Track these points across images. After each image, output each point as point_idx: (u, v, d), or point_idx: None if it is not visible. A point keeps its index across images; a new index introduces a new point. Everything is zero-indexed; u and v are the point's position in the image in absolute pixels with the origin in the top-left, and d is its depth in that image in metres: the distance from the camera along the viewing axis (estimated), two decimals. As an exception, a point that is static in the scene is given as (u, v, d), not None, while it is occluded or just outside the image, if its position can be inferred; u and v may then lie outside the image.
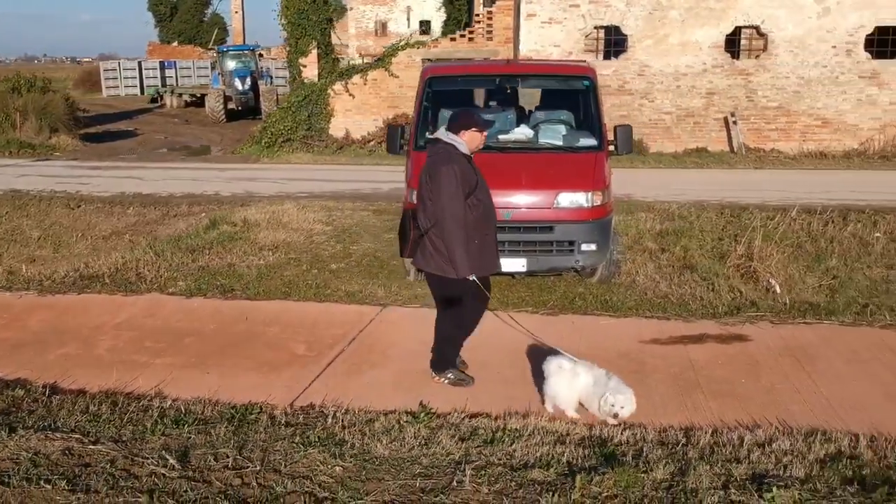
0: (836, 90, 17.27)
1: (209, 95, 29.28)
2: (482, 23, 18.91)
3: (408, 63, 18.20)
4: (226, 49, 31.28)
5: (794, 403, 4.91)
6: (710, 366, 5.54)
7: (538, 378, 5.08)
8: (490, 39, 18.57)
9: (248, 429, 4.42)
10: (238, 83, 28.22)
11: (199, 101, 32.33)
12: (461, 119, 5.02)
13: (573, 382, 4.67)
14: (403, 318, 6.61)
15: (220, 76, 29.10)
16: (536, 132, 7.49)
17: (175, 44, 50.09)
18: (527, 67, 9.39)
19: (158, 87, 36.80)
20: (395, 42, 19.32)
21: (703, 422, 4.62)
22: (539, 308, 6.81)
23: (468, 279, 4.86)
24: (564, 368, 4.69)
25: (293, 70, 19.54)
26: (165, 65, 39.78)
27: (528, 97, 9.41)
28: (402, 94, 18.07)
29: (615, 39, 17.55)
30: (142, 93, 38.91)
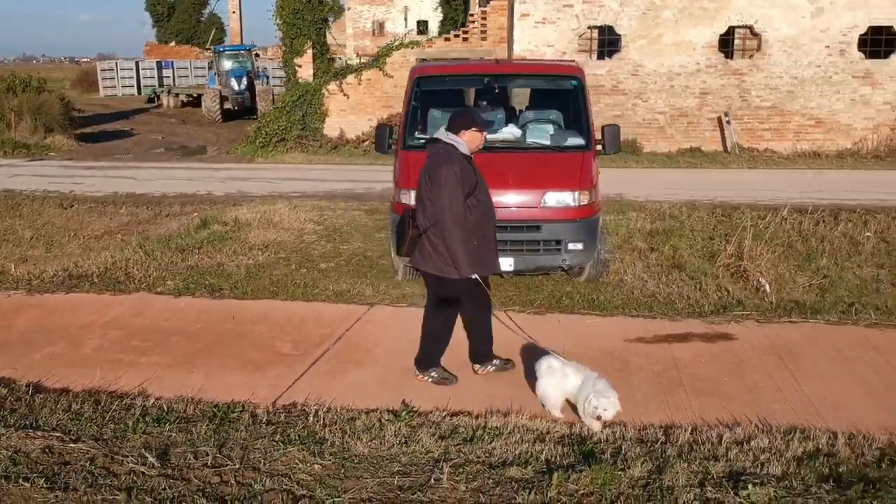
0: (830, 90, 17.28)
1: (205, 95, 29.29)
2: (476, 23, 18.93)
3: (402, 63, 18.18)
4: (222, 49, 31.29)
5: (776, 402, 4.93)
6: (694, 364, 5.55)
7: (526, 377, 5.13)
8: (484, 39, 18.59)
9: (230, 427, 4.43)
10: (234, 83, 28.24)
11: (196, 102, 32.34)
12: (461, 119, 5.01)
13: (560, 383, 4.68)
14: (391, 317, 6.63)
15: (217, 76, 29.10)
16: (524, 132, 7.51)
17: (172, 44, 50.13)
18: (515, 67, 9.40)
19: (155, 87, 36.86)
20: (390, 42, 19.32)
21: (684, 420, 4.62)
22: (526, 307, 6.81)
23: (470, 279, 4.86)
24: (553, 369, 4.71)
25: (288, 70, 19.56)
26: (162, 65, 39.86)
27: (521, 97, 9.43)
28: (397, 94, 18.00)
29: (609, 39, 17.55)
30: (139, 93, 38.94)
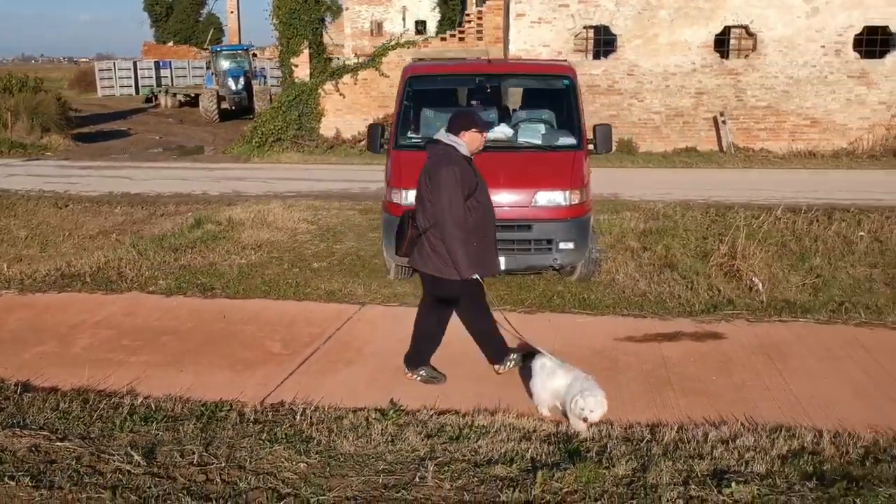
0: (825, 90, 17.29)
1: (203, 95, 29.30)
2: (472, 23, 18.95)
3: (398, 63, 18.15)
4: (219, 49, 31.29)
5: (763, 400, 4.94)
6: (683, 363, 5.56)
7: (516, 376, 5.17)
8: (480, 39, 18.60)
9: (217, 426, 4.44)
10: (231, 83, 28.25)
11: (194, 101, 32.33)
12: (461, 120, 5.01)
13: (547, 382, 4.69)
14: (381, 317, 6.64)
15: (214, 76, 29.10)
16: (516, 131, 7.51)
17: (170, 44, 50.06)
18: (507, 67, 9.42)
19: (153, 87, 36.84)
20: (386, 42, 19.33)
21: (671, 419, 4.63)
22: (517, 306, 6.82)
23: (470, 280, 4.86)
24: (545, 368, 4.72)
25: (285, 70, 19.58)
26: (161, 65, 39.84)
27: (515, 96, 9.43)
28: (393, 94, 17.83)
29: (605, 39, 17.55)
30: (137, 93, 38.92)
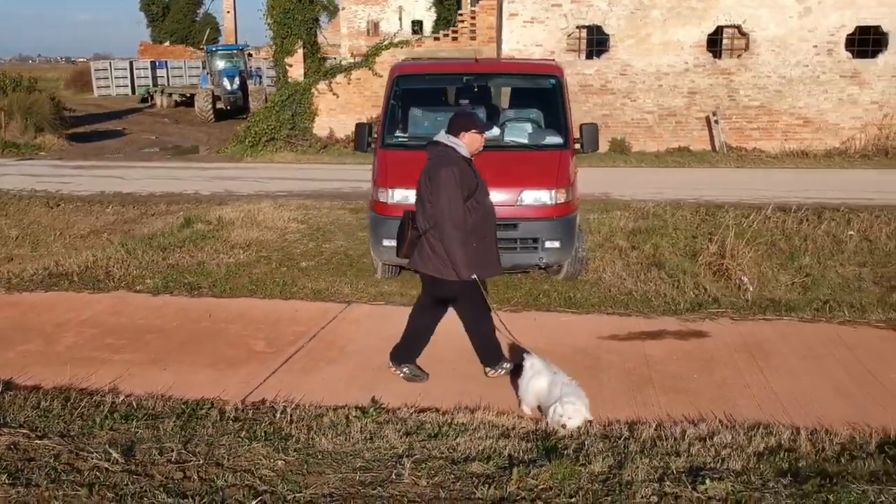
0: (818, 89, 17.33)
1: (198, 95, 29.29)
2: (466, 22, 18.98)
3: (392, 62, 18.12)
4: (215, 49, 31.30)
5: (743, 398, 4.96)
6: (665, 361, 5.58)
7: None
8: (474, 39, 18.63)
9: (197, 424, 4.44)
10: (227, 83, 28.26)
11: (189, 101, 32.31)
12: (461, 121, 5.01)
13: (532, 383, 4.71)
14: (367, 316, 6.65)
15: (209, 76, 29.12)
16: (503, 130, 7.53)
17: (167, 44, 50.09)
18: (494, 66, 9.43)
19: (149, 87, 36.82)
20: (380, 41, 19.35)
21: (650, 416, 4.65)
22: (503, 305, 6.82)
23: (469, 280, 4.86)
24: (533, 368, 4.74)
25: (279, 69, 19.59)
26: (157, 64, 39.85)
27: (506, 96, 9.44)
28: (387, 94, 18.06)
29: (598, 39, 17.58)
30: (133, 93, 38.91)
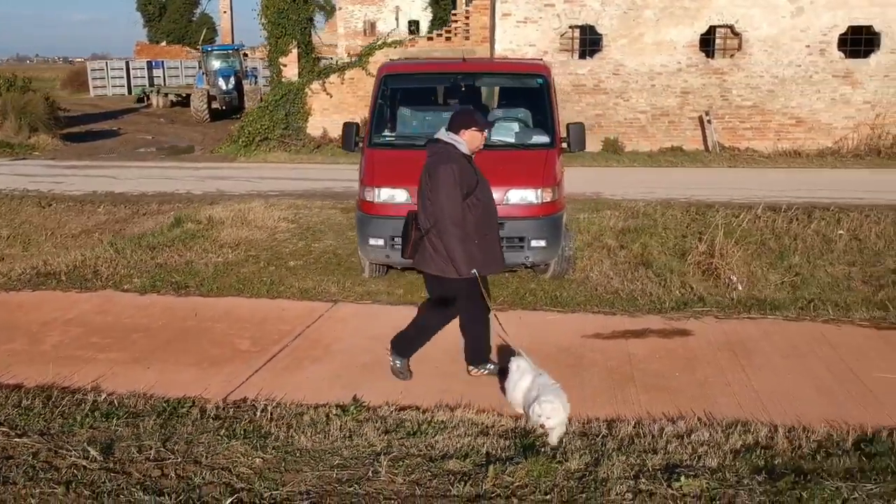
0: (810, 89, 17.36)
1: (193, 95, 29.26)
2: (459, 22, 18.98)
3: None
4: (210, 49, 31.28)
5: (723, 396, 4.98)
6: (648, 360, 5.59)
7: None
8: (467, 39, 18.63)
9: (177, 422, 4.46)
10: (222, 83, 28.23)
11: (185, 101, 32.31)
12: (461, 118, 5.02)
13: (519, 385, 4.70)
14: (353, 315, 6.66)
15: (205, 76, 29.08)
16: (490, 130, 7.53)
17: (163, 44, 50.06)
18: (481, 65, 9.45)
19: (145, 87, 36.82)
20: (373, 41, 19.36)
21: (630, 414, 4.67)
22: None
23: (470, 276, 4.86)
24: (519, 369, 4.73)
25: (273, 69, 19.60)
26: (153, 64, 39.84)
27: (496, 95, 9.46)
28: (380, 94, 18.06)
29: (590, 39, 17.59)
30: (129, 93, 38.92)
